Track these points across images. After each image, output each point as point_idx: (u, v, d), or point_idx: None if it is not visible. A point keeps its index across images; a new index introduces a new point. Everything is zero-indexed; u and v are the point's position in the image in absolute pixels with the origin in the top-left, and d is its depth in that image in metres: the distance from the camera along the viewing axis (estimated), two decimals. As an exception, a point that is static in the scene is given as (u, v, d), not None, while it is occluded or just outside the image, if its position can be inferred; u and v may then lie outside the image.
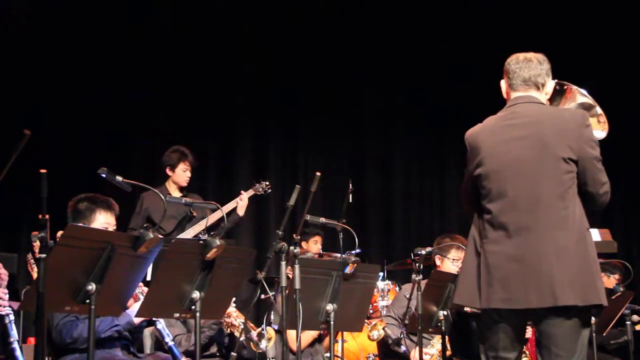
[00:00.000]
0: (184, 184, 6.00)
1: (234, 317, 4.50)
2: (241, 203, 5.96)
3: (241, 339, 4.43)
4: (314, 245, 6.43)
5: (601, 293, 3.03)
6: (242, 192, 6.07)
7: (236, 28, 7.84)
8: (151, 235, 3.01)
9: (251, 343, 4.56)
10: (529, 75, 3.23)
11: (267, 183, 6.20)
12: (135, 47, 7.32)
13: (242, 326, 4.36)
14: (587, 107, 3.42)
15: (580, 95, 3.44)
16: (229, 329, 4.59)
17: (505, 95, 3.34)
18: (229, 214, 5.91)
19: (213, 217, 5.51)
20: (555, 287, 2.98)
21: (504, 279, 3.06)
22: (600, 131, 3.45)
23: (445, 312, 4.30)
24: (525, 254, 3.04)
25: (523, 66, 3.24)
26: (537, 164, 3.09)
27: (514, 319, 3.13)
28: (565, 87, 3.45)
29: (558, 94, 3.45)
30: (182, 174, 5.97)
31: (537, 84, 3.24)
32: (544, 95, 3.28)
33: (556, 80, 3.40)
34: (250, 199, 6.07)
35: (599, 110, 3.43)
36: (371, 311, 5.93)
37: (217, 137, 7.77)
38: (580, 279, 3.00)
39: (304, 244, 6.29)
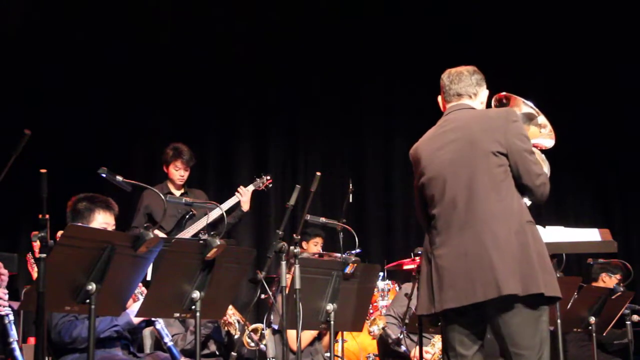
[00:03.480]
0: (179, 182, 5.88)
1: (229, 314, 4.49)
2: (243, 199, 5.85)
3: (235, 336, 4.43)
4: (313, 247, 6.39)
5: (542, 283, 3.03)
6: (240, 188, 5.92)
7: (236, 27, 7.84)
8: (151, 235, 3.01)
9: (245, 338, 4.55)
10: (459, 87, 3.40)
11: (269, 177, 6.06)
12: (135, 46, 7.32)
13: (237, 324, 4.36)
14: (530, 117, 3.54)
15: (524, 105, 3.55)
16: (225, 327, 4.59)
17: (442, 109, 3.48)
18: (230, 211, 5.86)
19: (214, 215, 5.47)
20: (497, 277, 3.02)
21: (452, 278, 3.13)
22: (547, 140, 3.58)
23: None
24: (468, 250, 3.11)
25: (454, 79, 3.42)
26: (469, 161, 3.19)
27: (466, 318, 3.16)
28: (507, 101, 3.57)
29: (503, 106, 3.58)
30: (174, 172, 5.85)
31: (469, 94, 3.40)
32: (477, 103, 3.41)
33: (505, 94, 3.56)
34: (252, 194, 5.93)
35: (541, 120, 3.55)
36: (371, 311, 5.93)
37: (217, 137, 7.76)
38: (520, 269, 3.03)
39: (304, 244, 6.27)
